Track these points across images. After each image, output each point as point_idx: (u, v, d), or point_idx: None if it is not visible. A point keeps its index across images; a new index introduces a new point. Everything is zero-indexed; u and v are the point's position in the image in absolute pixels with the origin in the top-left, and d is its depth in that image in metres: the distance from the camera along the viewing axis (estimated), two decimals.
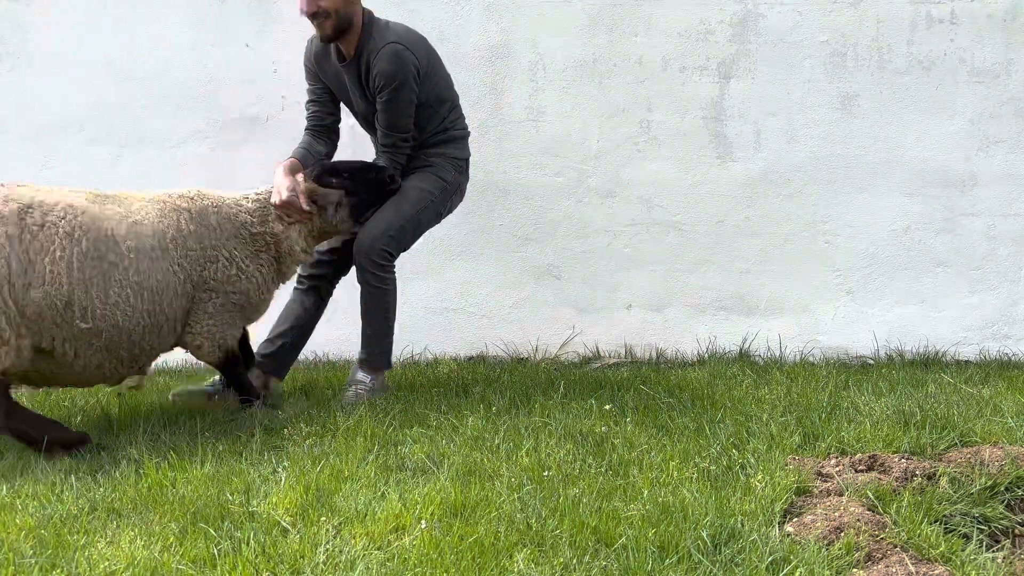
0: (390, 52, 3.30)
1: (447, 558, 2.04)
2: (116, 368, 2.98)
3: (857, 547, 2.15)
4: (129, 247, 2.91)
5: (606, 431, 2.95)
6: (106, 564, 2.03)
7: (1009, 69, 4.30)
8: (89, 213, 2.87)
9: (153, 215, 3.03)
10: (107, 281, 2.85)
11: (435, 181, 3.52)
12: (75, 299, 2.79)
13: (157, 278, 2.96)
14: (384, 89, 3.32)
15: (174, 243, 3.02)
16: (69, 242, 2.79)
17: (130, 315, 2.90)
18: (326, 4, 3.24)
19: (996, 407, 3.24)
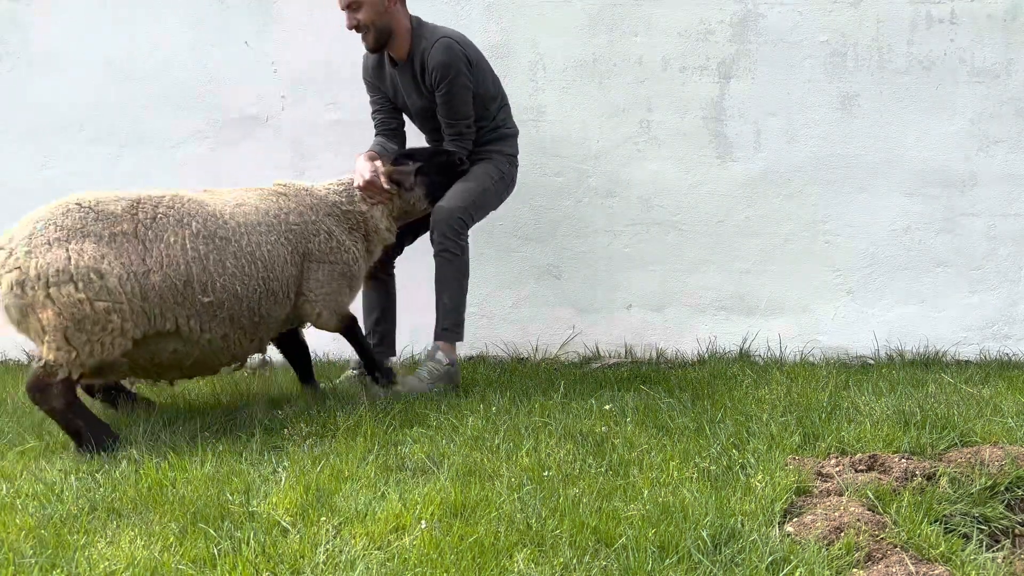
0: (442, 45, 3.53)
1: (447, 558, 2.04)
2: (240, 340, 3.16)
3: (857, 547, 2.15)
4: (238, 223, 3.13)
5: (606, 431, 2.95)
6: (106, 564, 2.03)
7: (1009, 69, 4.30)
8: (195, 200, 3.10)
9: (253, 198, 3.27)
10: (222, 255, 3.05)
11: (495, 170, 3.78)
12: (194, 276, 2.97)
13: (267, 249, 3.17)
14: (442, 81, 3.55)
15: (277, 219, 3.24)
16: (180, 227, 3.00)
17: (247, 284, 3.10)
18: (363, 18, 3.49)
19: (996, 407, 3.24)
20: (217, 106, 4.33)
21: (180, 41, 4.31)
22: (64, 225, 2.83)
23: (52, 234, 2.81)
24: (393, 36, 3.57)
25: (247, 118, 4.33)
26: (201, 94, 4.33)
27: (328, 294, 3.35)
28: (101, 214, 2.90)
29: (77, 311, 2.76)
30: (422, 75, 3.60)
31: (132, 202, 2.97)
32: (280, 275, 3.20)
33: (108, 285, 2.80)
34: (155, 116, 4.33)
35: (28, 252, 2.77)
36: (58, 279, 2.74)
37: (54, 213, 2.87)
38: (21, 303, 2.76)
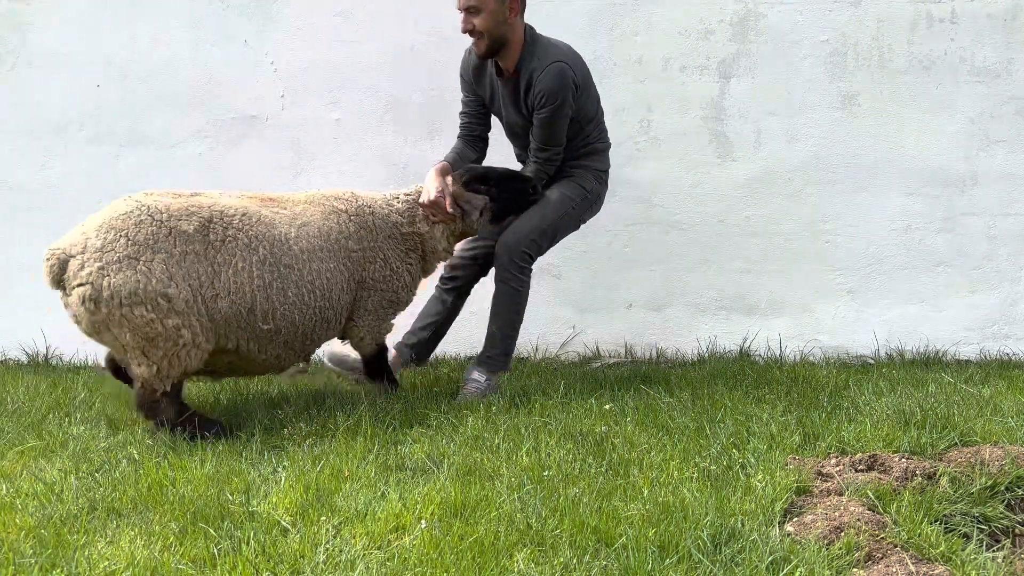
0: (557, 71, 3.41)
1: (447, 558, 2.04)
2: (290, 358, 3.24)
3: (857, 547, 2.15)
4: (301, 249, 3.12)
5: (606, 431, 2.95)
6: (106, 564, 2.03)
7: (1009, 68, 4.30)
8: (263, 220, 3.09)
9: (317, 217, 3.24)
10: (285, 283, 3.07)
11: (577, 189, 3.64)
12: (257, 304, 3.02)
13: (326, 277, 3.17)
14: (546, 106, 3.43)
15: (337, 244, 3.23)
16: (248, 252, 3.01)
17: (305, 312, 3.13)
18: (479, 25, 3.38)
19: (996, 407, 3.24)
20: (217, 106, 4.32)
21: (180, 41, 4.31)
22: (136, 240, 2.86)
23: (123, 249, 2.84)
24: (506, 47, 3.44)
25: (247, 118, 4.33)
26: (201, 94, 4.32)
27: (373, 322, 3.38)
28: (173, 231, 2.91)
29: (150, 330, 2.84)
30: (526, 93, 3.48)
31: (204, 221, 2.97)
32: (336, 303, 3.23)
33: (176, 307, 2.86)
34: (155, 116, 4.33)
35: (101, 268, 2.82)
36: (131, 301, 2.82)
37: (126, 223, 2.88)
38: (94, 319, 2.84)
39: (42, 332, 4.34)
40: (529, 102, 3.48)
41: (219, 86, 4.32)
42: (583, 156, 3.67)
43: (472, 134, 3.73)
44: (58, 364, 4.30)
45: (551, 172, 3.60)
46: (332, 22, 4.31)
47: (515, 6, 3.42)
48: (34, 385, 3.73)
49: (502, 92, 3.58)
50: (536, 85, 3.42)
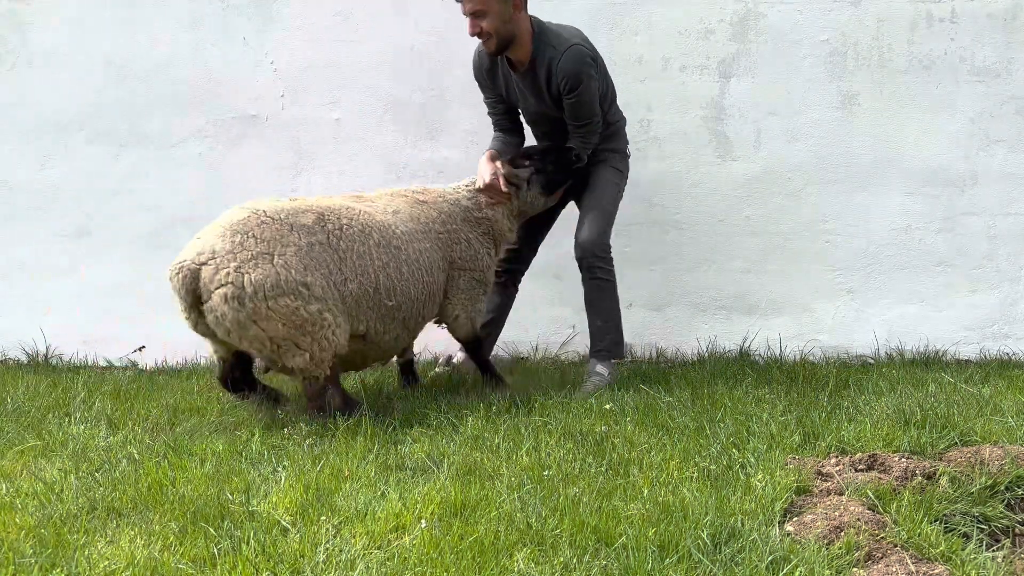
0: (574, 54, 3.52)
1: (447, 557, 2.04)
2: (404, 339, 3.44)
3: (857, 546, 2.15)
4: (403, 232, 3.36)
5: (606, 431, 2.95)
6: (106, 564, 2.03)
7: (1009, 68, 4.30)
8: (364, 212, 3.31)
9: (404, 207, 3.48)
10: (398, 262, 3.29)
11: (617, 173, 3.86)
12: (380, 283, 3.22)
13: (427, 256, 3.42)
14: (573, 89, 3.54)
15: (427, 227, 3.48)
16: (364, 237, 3.22)
17: (417, 287, 3.36)
18: (487, 27, 3.45)
19: (996, 406, 3.24)
20: (217, 106, 4.32)
21: (180, 41, 4.31)
22: (264, 238, 3.00)
23: (254, 247, 2.97)
24: (515, 42, 3.52)
25: (247, 118, 4.33)
26: (201, 94, 4.32)
27: (467, 300, 3.59)
28: (295, 226, 3.07)
29: (296, 317, 2.98)
30: (547, 82, 3.57)
31: (318, 216, 3.15)
32: (437, 279, 3.46)
33: (315, 293, 3.01)
34: (155, 116, 4.33)
35: (238, 268, 2.93)
36: (275, 292, 2.94)
37: (249, 225, 3.01)
38: (239, 317, 2.92)
39: (42, 332, 4.34)
40: (553, 90, 3.57)
41: (219, 86, 4.32)
42: (607, 139, 3.81)
43: (505, 127, 3.87)
44: (58, 364, 4.30)
45: (594, 142, 3.73)
46: (332, 22, 4.31)
47: (518, 2, 3.47)
48: (34, 385, 3.73)
49: (519, 84, 3.66)
50: (558, 73, 3.51)
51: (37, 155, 4.34)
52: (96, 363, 4.33)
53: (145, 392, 3.58)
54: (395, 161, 4.35)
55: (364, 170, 4.34)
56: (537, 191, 3.72)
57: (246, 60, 4.31)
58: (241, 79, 4.32)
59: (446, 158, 4.36)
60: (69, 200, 4.35)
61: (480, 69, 3.74)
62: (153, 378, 3.91)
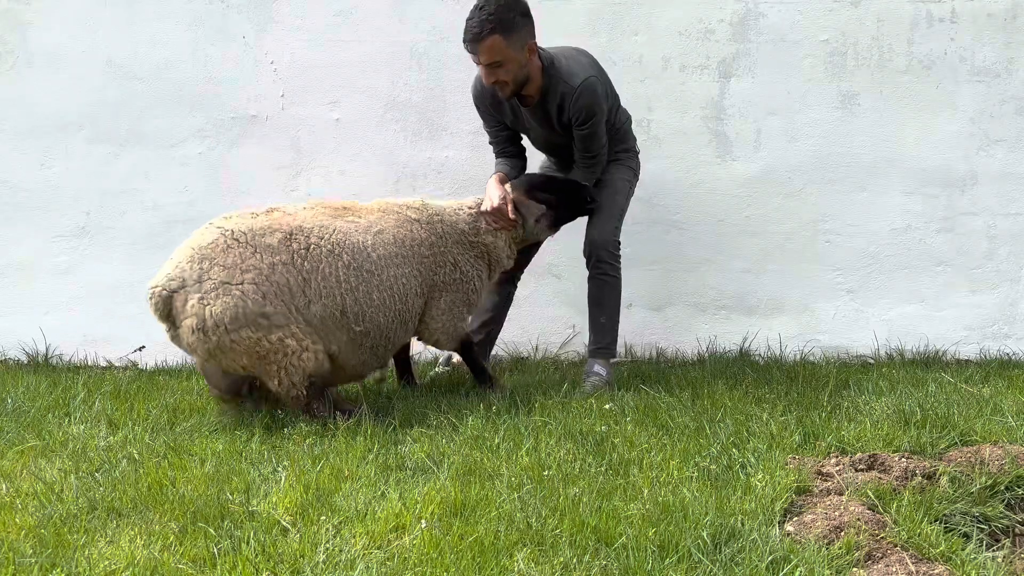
0: (589, 89, 3.48)
1: (447, 557, 2.04)
2: (372, 364, 3.37)
3: (857, 546, 2.15)
4: (380, 255, 3.26)
5: (606, 430, 2.95)
6: (106, 564, 2.03)
7: (1009, 68, 4.30)
8: (340, 230, 3.23)
9: (391, 227, 3.37)
10: (369, 287, 3.20)
11: (629, 171, 3.86)
12: (347, 306, 3.15)
13: (403, 282, 3.32)
14: (587, 122, 3.53)
15: (411, 251, 3.37)
16: (333, 258, 3.15)
17: (387, 315, 3.27)
18: (504, 76, 3.41)
19: (996, 406, 3.24)
20: (217, 106, 4.32)
21: (180, 41, 4.31)
22: (226, 264, 3.00)
23: (217, 276, 2.98)
24: (528, 82, 3.50)
25: (247, 118, 4.33)
26: (201, 94, 4.32)
27: (447, 321, 3.49)
28: (258, 248, 3.05)
29: (260, 348, 2.99)
30: (559, 114, 3.55)
31: (285, 235, 3.11)
32: (411, 306, 3.36)
33: (275, 322, 3.00)
34: (155, 116, 4.33)
35: (201, 299, 2.96)
36: (235, 325, 2.96)
37: (215, 251, 3.01)
38: (207, 347, 2.98)
39: (42, 332, 4.34)
40: (564, 121, 3.56)
41: (219, 86, 4.32)
42: (618, 141, 3.80)
43: (509, 153, 3.82)
44: (58, 364, 4.30)
45: (599, 171, 3.73)
46: (332, 22, 4.31)
47: (533, 48, 3.43)
48: (34, 385, 3.73)
49: (529, 117, 3.64)
50: (573, 108, 3.49)
51: (37, 155, 4.34)
52: (96, 363, 4.33)
53: (145, 392, 3.58)
54: (395, 161, 4.35)
55: (364, 170, 4.34)
56: (545, 225, 3.71)
57: (246, 60, 4.31)
58: (241, 79, 4.32)
59: (446, 158, 4.36)
60: (69, 200, 4.35)
61: (482, 99, 3.67)
62: (153, 378, 3.91)
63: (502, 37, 3.31)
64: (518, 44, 3.36)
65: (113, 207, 4.34)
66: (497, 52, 3.33)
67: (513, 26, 3.33)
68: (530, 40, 3.41)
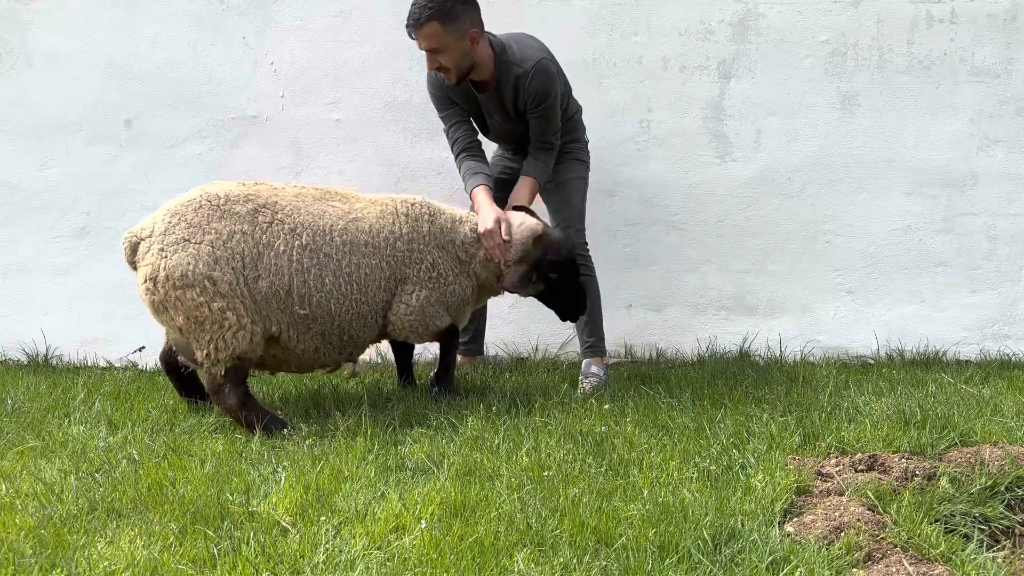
0: (542, 70, 3.46)
1: (447, 558, 2.04)
2: (330, 353, 3.25)
3: (857, 547, 2.15)
4: (343, 241, 3.18)
5: (606, 431, 2.95)
6: (106, 564, 2.03)
7: (1009, 69, 4.30)
8: (311, 211, 3.17)
9: (372, 215, 3.29)
10: (323, 271, 3.13)
11: (581, 165, 3.84)
12: (294, 287, 3.08)
13: (365, 272, 3.21)
14: (542, 103, 3.50)
15: (384, 242, 3.26)
16: (291, 237, 3.10)
17: (341, 303, 3.17)
18: (445, 62, 3.39)
19: (996, 407, 3.24)
20: (217, 106, 4.32)
21: (180, 41, 4.31)
22: (192, 222, 2.99)
23: (181, 232, 2.97)
24: (476, 68, 3.47)
25: (247, 118, 4.33)
26: (201, 94, 4.32)
27: (417, 319, 3.32)
28: (226, 213, 3.03)
29: (199, 313, 2.96)
30: (514, 99, 3.52)
31: (257, 206, 3.08)
32: (372, 299, 3.24)
33: (220, 290, 2.95)
34: (155, 116, 4.33)
35: (161, 250, 2.96)
36: (183, 283, 2.94)
37: (187, 208, 3.02)
38: (154, 299, 2.99)
39: (42, 332, 4.34)
40: (519, 106, 3.54)
41: (219, 86, 4.32)
42: (568, 131, 3.76)
43: (472, 142, 3.68)
44: (58, 364, 4.30)
45: (553, 160, 3.67)
46: (332, 22, 4.31)
47: (475, 37, 3.39)
48: (34, 385, 3.73)
49: (485, 104, 3.61)
50: (528, 90, 3.47)
51: (37, 155, 4.34)
52: (96, 364, 4.33)
53: (145, 392, 3.58)
54: (395, 161, 4.35)
55: (364, 170, 4.34)
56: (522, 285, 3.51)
57: (246, 60, 4.32)
58: (241, 79, 4.32)
59: (446, 158, 4.35)
60: (69, 200, 4.35)
61: (439, 87, 3.59)
62: (153, 378, 3.91)
63: (440, 24, 3.30)
64: (457, 32, 3.34)
65: (113, 207, 4.34)
66: (435, 39, 3.33)
67: (451, 14, 3.31)
68: (471, 29, 3.37)
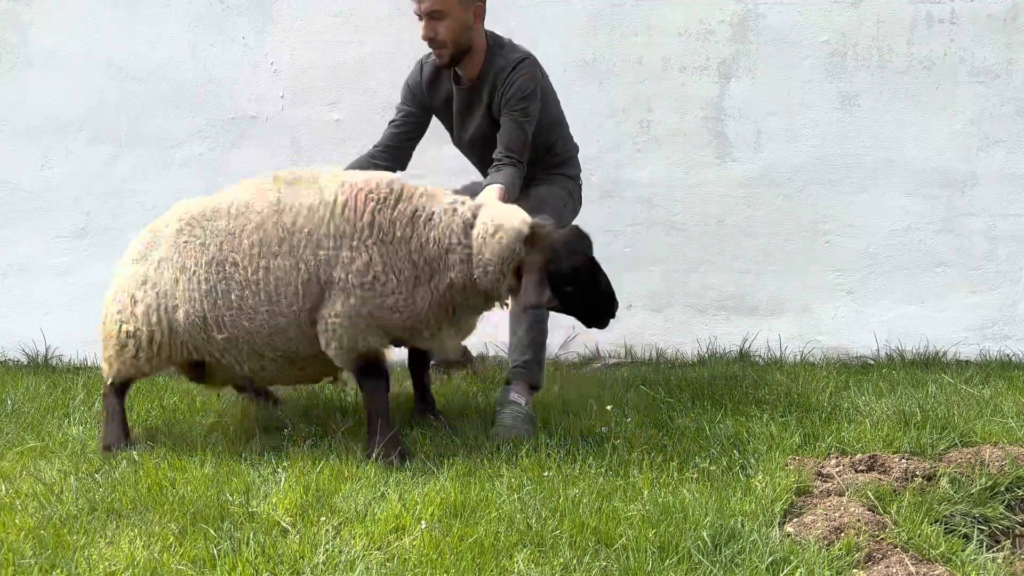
0: (529, 65, 3.25)
1: (447, 558, 2.04)
2: (283, 369, 2.84)
3: (857, 547, 2.15)
4: (252, 243, 2.71)
5: (606, 431, 2.95)
6: (106, 564, 2.03)
7: (1009, 69, 4.30)
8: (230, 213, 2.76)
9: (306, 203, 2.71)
10: (229, 285, 2.72)
11: (561, 191, 3.46)
12: (206, 312, 2.75)
13: (275, 276, 2.68)
14: (521, 102, 3.22)
15: (305, 239, 2.68)
16: (201, 252, 2.76)
17: (253, 318, 2.71)
18: (443, 32, 3.18)
19: (996, 407, 3.24)
20: (217, 106, 4.32)
21: (180, 41, 4.31)
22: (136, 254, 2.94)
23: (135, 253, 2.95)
24: (469, 55, 3.25)
25: (247, 118, 4.33)
26: (201, 94, 4.32)
27: (337, 332, 2.69)
28: (157, 237, 2.90)
29: (109, 329, 2.92)
30: (490, 95, 3.28)
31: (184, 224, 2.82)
32: (284, 307, 2.69)
33: (136, 312, 2.84)
34: (155, 116, 4.33)
35: (135, 260, 2.92)
36: (113, 296, 2.93)
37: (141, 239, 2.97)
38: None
39: (42, 333, 4.34)
40: (495, 104, 3.28)
41: (219, 86, 4.32)
42: (553, 167, 3.49)
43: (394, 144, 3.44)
44: (57, 365, 4.30)
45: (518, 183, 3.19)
46: (332, 22, 4.31)
47: (479, 12, 3.26)
48: (33, 386, 3.73)
49: (459, 103, 3.37)
50: (511, 85, 3.21)
51: (37, 155, 4.34)
52: (96, 364, 4.32)
53: (145, 393, 3.58)
54: None
55: None
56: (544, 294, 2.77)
57: (246, 61, 4.31)
58: (241, 80, 4.32)
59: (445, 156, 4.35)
60: (69, 200, 4.35)
61: (419, 81, 3.40)
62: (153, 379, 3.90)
63: None
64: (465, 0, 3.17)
65: (113, 207, 4.34)
66: (441, 1, 3.15)
67: None
68: (478, 2, 3.22)
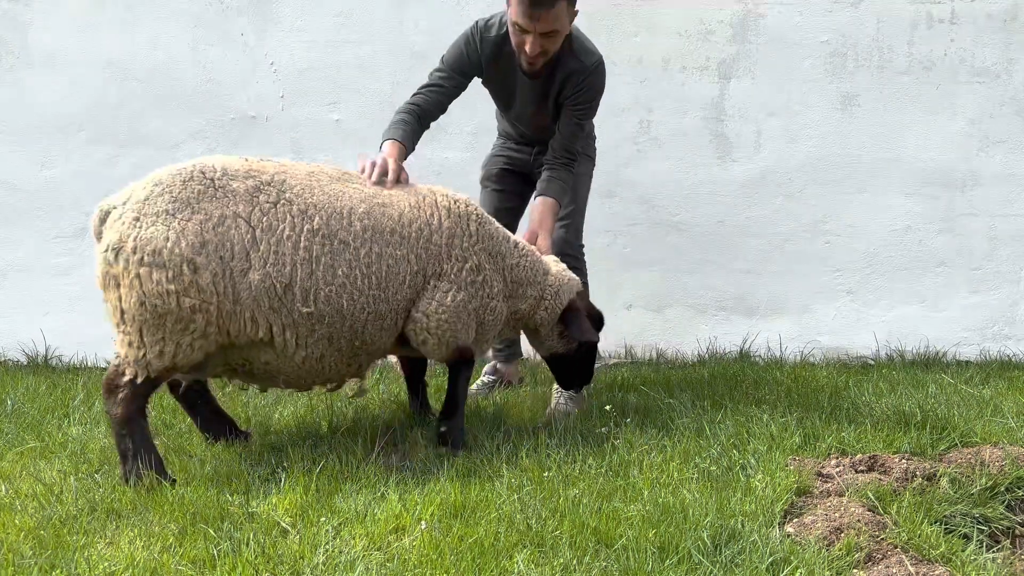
0: (602, 70, 3.25)
1: (447, 559, 2.04)
2: (336, 363, 2.71)
3: (857, 548, 2.15)
4: (363, 226, 2.65)
5: (606, 431, 2.94)
6: (106, 565, 2.03)
7: (1009, 69, 4.31)
8: (328, 192, 2.65)
9: (405, 202, 2.77)
10: (336, 261, 2.59)
11: (589, 162, 3.60)
12: (297, 280, 2.54)
13: (388, 263, 2.67)
14: (588, 103, 3.26)
15: (417, 233, 2.73)
16: (300, 220, 2.56)
17: (356, 300, 2.62)
18: (552, 47, 3.07)
19: (996, 407, 3.24)
20: (217, 106, 4.32)
21: (180, 41, 4.31)
22: (179, 196, 2.47)
23: (164, 205, 2.45)
24: None
25: (247, 118, 4.33)
26: (201, 94, 4.32)
27: (443, 319, 2.75)
28: (221, 190, 2.51)
29: (162, 304, 2.42)
30: (559, 90, 3.24)
31: (259, 183, 2.56)
32: (393, 297, 2.69)
33: (200, 282, 2.43)
34: (155, 116, 4.33)
35: (136, 219, 2.43)
36: (151, 261, 2.41)
37: (174, 180, 2.50)
38: (109, 271, 2.43)
39: (41, 333, 4.34)
40: (560, 99, 3.26)
41: (219, 86, 4.32)
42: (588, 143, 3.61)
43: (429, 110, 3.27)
44: (57, 365, 4.30)
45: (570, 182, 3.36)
46: (332, 22, 4.31)
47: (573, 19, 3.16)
48: (33, 386, 3.73)
49: (524, 88, 3.29)
50: (582, 84, 3.20)
51: (37, 155, 4.34)
52: (96, 364, 4.33)
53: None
54: None
55: None
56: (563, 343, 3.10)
57: (246, 61, 4.32)
58: (241, 80, 4.32)
59: (445, 159, 4.36)
60: (69, 200, 4.35)
61: (479, 57, 3.24)
62: None
63: (566, 4, 2.97)
64: (572, 14, 3.06)
65: None
66: (558, 20, 2.97)
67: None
68: (575, 11, 3.08)
